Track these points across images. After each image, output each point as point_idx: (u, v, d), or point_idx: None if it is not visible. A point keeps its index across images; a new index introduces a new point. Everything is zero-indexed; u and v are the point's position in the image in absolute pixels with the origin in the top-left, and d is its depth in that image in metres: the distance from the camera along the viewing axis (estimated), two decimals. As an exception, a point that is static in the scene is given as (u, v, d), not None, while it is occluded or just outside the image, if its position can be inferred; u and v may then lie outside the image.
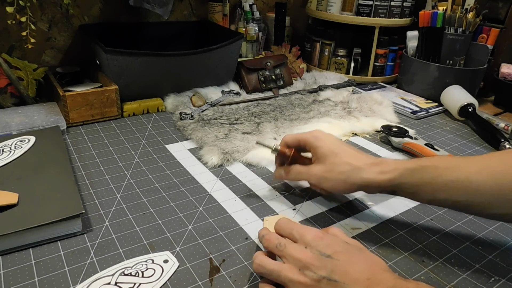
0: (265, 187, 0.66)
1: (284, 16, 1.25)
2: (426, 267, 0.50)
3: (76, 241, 0.51)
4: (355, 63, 1.22)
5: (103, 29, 1.00)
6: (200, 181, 0.66)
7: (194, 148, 0.77)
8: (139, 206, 0.59)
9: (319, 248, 0.43)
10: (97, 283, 0.45)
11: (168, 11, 1.00)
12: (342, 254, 0.43)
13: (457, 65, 1.08)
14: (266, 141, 0.66)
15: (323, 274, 0.41)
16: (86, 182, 0.64)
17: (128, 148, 0.76)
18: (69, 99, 0.80)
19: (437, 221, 0.59)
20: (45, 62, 0.99)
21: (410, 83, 1.13)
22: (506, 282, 0.48)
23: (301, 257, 0.42)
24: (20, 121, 0.77)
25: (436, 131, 0.91)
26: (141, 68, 0.88)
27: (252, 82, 1.06)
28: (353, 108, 0.97)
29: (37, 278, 0.45)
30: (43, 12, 0.95)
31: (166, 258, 0.49)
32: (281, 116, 0.91)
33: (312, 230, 0.46)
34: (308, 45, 1.29)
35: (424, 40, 1.10)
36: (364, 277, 0.40)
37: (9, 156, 0.64)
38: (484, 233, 0.57)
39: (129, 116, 0.90)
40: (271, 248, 0.46)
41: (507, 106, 1.07)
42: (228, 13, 1.17)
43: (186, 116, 0.86)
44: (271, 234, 0.48)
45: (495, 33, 1.05)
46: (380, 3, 1.11)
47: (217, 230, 0.55)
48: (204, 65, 0.98)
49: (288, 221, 0.49)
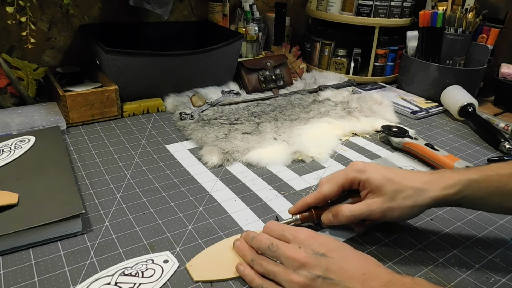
0: (265, 187, 0.66)
1: (284, 16, 1.25)
2: (426, 267, 0.50)
3: (76, 241, 0.51)
4: (355, 63, 1.22)
5: (103, 29, 1.00)
6: (200, 181, 0.66)
7: (194, 148, 0.77)
8: (139, 206, 0.59)
9: (313, 247, 0.43)
10: (97, 283, 0.45)
11: (168, 11, 1.00)
12: (336, 252, 0.43)
13: (457, 65, 1.07)
14: (284, 217, 0.57)
15: (318, 273, 0.41)
16: (86, 182, 0.64)
17: (128, 148, 0.76)
18: (69, 99, 0.80)
19: (437, 221, 0.59)
20: (45, 62, 0.99)
21: (410, 83, 1.13)
22: (506, 282, 0.48)
23: (296, 257, 0.43)
24: (20, 121, 0.77)
25: (436, 131, 0.91)
26: (141, 68, 0.88)
27: (252, 82, 1.06)
28: (353, 108, 0.97)
29: (37, 278, 0.45)
30: (43, 12, 0.95)
31: (166, 258, 0.49)
32: (281, 116, 0.91)
33: (304, 230, 0.47)
34: (308, 45, 1.29)
35: (424, 40, 1.10)
36: (359, 273, 0.41)
37: (9, 156, 0.64)
38: (484, 233, 0.57)
39: (129, 116, 0.90)
40: (262, 249, 0.46)
41: (507, 106, 1.07)
42: (228, 13, 1.17)
43: (186, 116, 0.86)
44: (262, 235, 0.48)
45: (495, 33, 1.05)
46: (380, 3, 1.11)
47: (217, 230, 0.55)
48: (204, 65, 0.98)
49: (278, 223, 0.50)
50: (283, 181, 0.68)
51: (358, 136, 0.87)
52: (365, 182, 0.51)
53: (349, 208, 0.51)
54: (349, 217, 0.51)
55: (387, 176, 0.50)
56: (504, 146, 0.81)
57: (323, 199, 0.54)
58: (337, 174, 0.54)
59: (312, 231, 0.47)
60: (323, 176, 0.70)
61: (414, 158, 0.78)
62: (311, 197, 0.54)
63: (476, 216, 0.61)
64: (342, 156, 0.77)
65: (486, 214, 0.61)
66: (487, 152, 0.83)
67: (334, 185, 0.53)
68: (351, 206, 0.51)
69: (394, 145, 0.82)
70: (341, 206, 0.52)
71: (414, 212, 0.50)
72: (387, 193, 0.49)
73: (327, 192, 0.53)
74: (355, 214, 0.51)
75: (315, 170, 0.72)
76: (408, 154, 0.80)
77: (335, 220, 0.52)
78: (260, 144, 0.77)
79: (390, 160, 0.77)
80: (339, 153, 0.78)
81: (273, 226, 0.49)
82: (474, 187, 0.48)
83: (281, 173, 0.70)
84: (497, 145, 0.83)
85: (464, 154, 0.81)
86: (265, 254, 0.46)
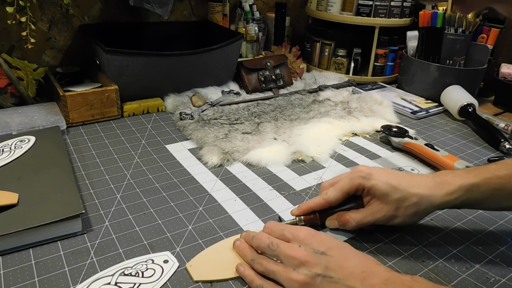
0: (265, 187, 0.66)
1: (284, 16, 1.25)
2: (426, 267, 0.50)
3: (76, 241, 0.51)
4: (355, 63, 1.22)
5: (103, 29, 1.00)
6: (200, 181, 0.66)
7: (194, 148, 0.77)
8: (139, 206, 0.59)
9: (313, 246, 0.43)
10: (97, 283, 0.45)
11: (168, 11, 1.00)
12: (336, 250, 0.43)
13: (457, 65, 1.07)
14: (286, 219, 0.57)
15: (318, 272, 0.41)
16: (86, 182, 0.64)
17: (128, 148, 0.76)
18: (69, 99, 0.80)
19: (437, 221, 0.59)
20: (45, 62, 0.99)
21: (410, 83, 1.13)
22: (506, 282, 0.48)
23: (296, 255, 0.43)
24: (20, 121, 0.77)
25: (436, 131, 0.91)
26: (141, 68, 0.88)
27: (252, 82, 1.06)
28: (353, 108, 0.97)
29: (37, 278, 0.45)
30: (43, 12, 0.95)
31: (166, 258, 0.49)
32: (281, 116, 0.91)
33: (304, 229, 0.47)
34: (308, 45, 1.29)
35: (424, 40, 1.10)
36: (359, 271, 0.41)
37: (9, 156, 0.64)
38: (484, 233, 0.57)
39: (129, 116, 0.90)
40: (262, 248, 0.46)
41: (507, 106, 1.07)
42: (228, 13, 1.17)
43: (186, 116, 0.86)
44: (262, 234, 0.48)
45: (495, 33, 1.05)
46: (380, 3, 1.11)
47: (217, 230, 0.55)
48: (204, 65, 0.98)
49: (277, 223, 0.50)
50: (283, 181, 0.68)
51: (358, 136, 0.86)
52: (370, 189, 0.52)
53: (355, 218, 0.52)
54: (356, 227, 0.53)
55: (392, 184, 0.51)
56: (504, 146, 0.81)
57: (327, 205, 0.54)
58: (341, 179, 0.54)
59: (312, 229, 0.47)
60: (323, 176, 0.70)
61: (414, 158, 0.78)
62: (315, 203, 0.54)
63: (476, 216, 0.61)
64: (342, 156, 0.77)
65: (486, 214, 0.61)
66: (487, 152, 0.83)
67: (339, 192, 0.53)
68: (357, 216, 0.52)
69: (394, 145, 0.82)
70: (346, 215, 0.53)
71: (418, 218, 0.54)
72: (392, 201, 0.51)
73: (333, 199, 0.54)
74: (361, 223, 0.52)
75: (315, 170, 0.72)
76: (408, 154, 0.80)
77: (341, 227, 0.54)
78: (260, 144, 0.77)
79: (390, 160, 0.77)
80: (339, 153, 0.78)
81: (273, 226, 0.49)
82: (475, 191, 0.50)
83: (281, 173, 0.70)
84: (497, 145, 0.83)
85: (464, 154, 0.81)
86: (265, 253, 0.47)
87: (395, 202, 0.50)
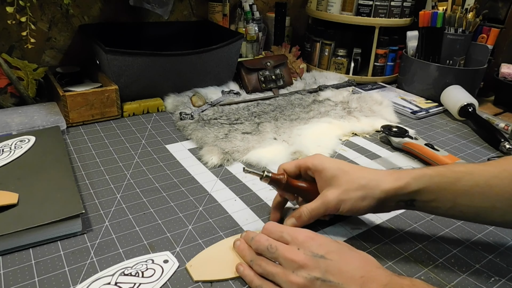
0: (265, 187, 0.65)
1: (284, 16, 1.25)
2: (426, 267, 0.50)
3: (76, 241, 0.51)
4: (355, 63, 1.22)
5: (103, 29, 1.00)
6: (200, 181, 0.66)
7: (194, 148, 0.77)
8: (139, 206, 0.59)
9: (312, 249, 0.43)
10: (97, 283, 0.45)
11: (168, 11, 1.00)
12: (335, 254, 0.43)
13: (457, 65, 1.08)
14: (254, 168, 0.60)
15: (317, 275, 0.41)
16: (86, 182, 0.64)
17: (128, 148, 0.76)
18: (69, 99, 0.80)
19: (437, 221, 0.59)
20: (45, 62, 0.99)
21: (410, 83, 1.13)
22: (506, 282, 0.48)
23: (295, 259, 0.43)
24: (20, 121, 0.77)
25: (436, 131, 0.91)
26: (141, 68, 0.88)
27: (252, 82, 1.06)
28: (353, 108, 0.97)
29: (37, 278, 0.45)
30: (43, 12, 0.95)
31: (166, 258, 0.49)
32: (281, 116, 0.91)
33: (303, 231, 0.47)
34: (308, 45, 1.29)
35: (424, 40, 1.10)
36: (358, 275, 0.41)
37: (9, 156, 0.64)
38: (484, 233, 0.57)
39: (129, 116, 0.90)
40: (261, 250, 0.46)
41: (507, 106, 1.07)
42: (228, 13, 1.17)
43: (186, 116, 0.86)
44: (261, 236, 0.48)
45: (495, 33, 1.05)
46: (380, 3, 1.11)
47: (217, 230, 0.55)
48: (204, 65, 0.98)
49: (277, 224, 0.50)
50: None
51: (358, 136, 0.86)
52: (320, 172, 0.52)
53: (307, 207, 0.52)
54: (310, 216, 0.52)
55: (342, 168, 0.52)
56: (504, 146, 0.81)
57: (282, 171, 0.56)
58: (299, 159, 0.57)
59: (311, 231, 0.47)
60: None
61: (414, 158, 0.78)
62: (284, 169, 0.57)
63: (476, 216, 0.61)
64: (342, 156, 0.77)
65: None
66: (487, 152, 0.83)
67: (293, 164, 0.56)
68: (309, 205, 0.52)
69: (394, 145, 0.82)
70: (300, 208, 0.53)
71: (366, 204, 0.50)
72: (340, 184, 0.51)
73: (287, 168, 0.56)
74: (314, 211, 0.52)
75: (315, 170, 0.72)
76: (408, 154, 0.80)
77: (299, 223, 0.53)
78: (260, 144, 0.77)
79: (390, 160, 0.77)
80: (339, 153, 0.78)
81: (272, 228, 0.48)
82: (426, 180, 0.48)
83: (281, 173, 0.70)
84: (497, 145, 0.83)
85: (464, 154, 0.81)
86: (264, 256, 0.46)
87: (344, 185, 0.50)
